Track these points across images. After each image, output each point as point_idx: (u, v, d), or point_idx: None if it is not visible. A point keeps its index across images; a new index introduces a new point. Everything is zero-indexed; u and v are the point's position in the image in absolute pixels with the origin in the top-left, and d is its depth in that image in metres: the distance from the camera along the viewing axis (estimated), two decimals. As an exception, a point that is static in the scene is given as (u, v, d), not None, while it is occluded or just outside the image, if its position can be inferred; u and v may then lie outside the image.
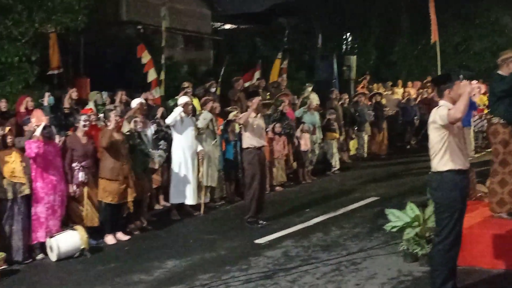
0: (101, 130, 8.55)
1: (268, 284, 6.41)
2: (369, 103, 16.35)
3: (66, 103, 9.98)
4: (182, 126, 9.66)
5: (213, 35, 22.77)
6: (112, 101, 10.85)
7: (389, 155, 16.53)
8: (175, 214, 9.75)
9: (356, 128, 15.56)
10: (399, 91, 19.34)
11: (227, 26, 25.75)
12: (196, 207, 10.00)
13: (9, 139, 7.50)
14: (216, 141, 10.34)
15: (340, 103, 15.18)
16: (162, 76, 13.28)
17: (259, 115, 9.22)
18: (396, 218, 6.95)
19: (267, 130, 10.85)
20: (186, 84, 11.74)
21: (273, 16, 26.53)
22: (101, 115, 9.11)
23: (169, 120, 9.60)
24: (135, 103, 9.33)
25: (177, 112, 9.57)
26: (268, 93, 14.23)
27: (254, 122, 9.01)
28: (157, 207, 10.24)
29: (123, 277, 6.85)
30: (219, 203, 10.70)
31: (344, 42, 25.43)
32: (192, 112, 10.00)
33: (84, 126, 8.23)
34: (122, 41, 17.43)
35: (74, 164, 8.08)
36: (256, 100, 9.14)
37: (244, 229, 8.91)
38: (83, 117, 8.29)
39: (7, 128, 7.56)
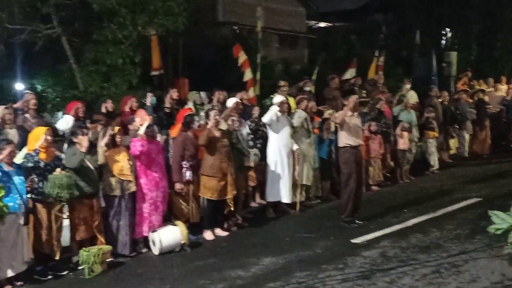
0: (201, 129, 8.79)
1: (365, 284, 6.35)
2: (471, 100, 15.71)
3: (167, 103, 10.33)
4: (278, 124, 9.73)
5: (307, 34, 22.74)
6: (210, 101, 11.12)
7: (492, 155, 15.82)
8: (270, 212, 9.85)
9: (457, 127, 14.99)
10: (503, 87, 18.38)
11: (322, 24, 25.63)
12: (292, 205, 10.06)
13: (118, 139, 7.89)
14: (311, 140, 10.33)
15: (439, 100, 14.71)
16: (258, 76, 13.44)
17: (355, 113, 9.13)
18: (500, 220, 6.67)
19: (363, 128, 10.70)
20: (282, 83, 11.83)
21: (368, 13, 26.12)
22: (202, 114, 9.37)
23: (265, 119, 9.70)
24: (231, 102, 9.52)
25: (273, 111, 9.66)
26: (365, 91, 14.04)
27: (351, 121, 8.93)
28: (253, 204, 10.39)
29: (221, 273, 7.01)
30: (315, 201, 10.69)
31: (443, 37, 24.56)
32: (287, 111, 10.05)
33: (198, 126, 8.52)
34: (219, 42, 17.83)
35: (183, 163, 8.37)
36: (353, 98, 9.06)
37: (340, 228, 8.87)
38: (197, 118, 8.59)
39: (117, 128, 7.95)
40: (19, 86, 14.94)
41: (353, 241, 8.10)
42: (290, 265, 7.22)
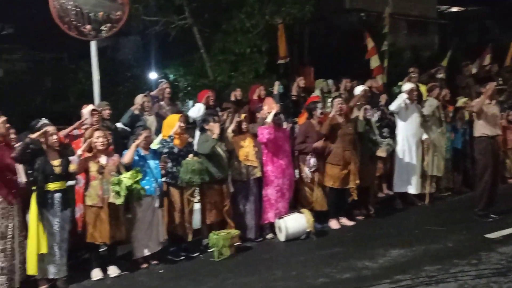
0: (325, 118, 8.73)
1: (501, 281, 5.99)
2: None
3: (294, 91, 10.37)
4: (407, 113, 9.43)
5: (438, 19, 21.81)
6: (337, 89, 11.01)
7: None
8: (398, 203, 9.60)
9: None
10: None
11: (454, 9, 24.45)
12: (420, 196, 9.74)
13: (244, 125, 8.05)
14: (443, 129, 9.90)
15: None
16: (385, 63, 13.11)
17: (493, 102, 8.61)
18: None
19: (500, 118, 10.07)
20: (412, 69, 11.43)
21: (505, -4, 24.52)
22: (329, 102, 9.30)
23: (393, 107, 9.44)
24: (358, 90, 9.35)
25: (402, 99, 9.37)
26: (501, 79, 13.21)
27: (488, 110, 8.44)
28: (380, 195, 10.16)
29: (347, 262, 6.93)
30: (445, 193, 10.27)
31: None
32: (417, 99, 9.70)
33: (321, 113, 8.49)
34: (345, 29, 17.60)
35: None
36: (491, 85, 8.54)
37: (473, 222, 8.44)
38: (319, 105, 8.56)
39: (243, 115, 8.11)
40: (153, 75, 15.76)
41: (488, 236, 7.67)
42: (419, 258, 6.98)
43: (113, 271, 6.85)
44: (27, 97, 14.80)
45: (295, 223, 7.95)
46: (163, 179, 7.27)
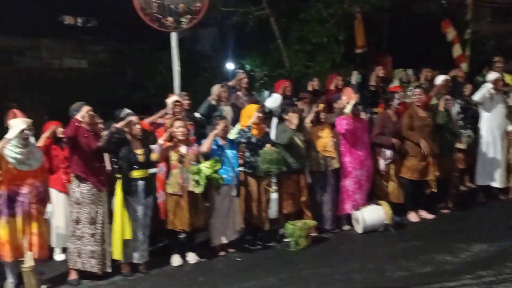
0: (406, 108, 8.55)
1: None
2: None
3: (372, 81, 10.19)
4: (492, 103, 9.10)
5: (525, 5, 20.78)
6: (417, 79, 10.73)
7: None
8: (481, 196, 9.29)
9: None
10: None
11: (542, -6, 23.20)
12: (504, 190, 9.37)
13: (322, 116, 8.00)
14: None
15: None
16: (467, 52, 12.66)
17: None
18: None
19: None
20: (497, 59, 10.95)
21: None
22: (409, 92, 9.09)
23: (477, 97, 9.12)
24: (439, 80, 9.09)
25: (486, 89, 9.03)
26: None
27: None
28: (462, 188, 9.85)
29: (427, 256, 6.79)
30: (531, 187, 9.82)
31: None
32: (503, 89, 9.30)
33: (399, 104, 8.32)
34: (425, 17, 17.09)
35: (382, 141, 8.26)
36: None
37: None
38: (397, 95, 8.39)
39: (321, 105, 8.06)
40: (229, 66, 15.91)
41: None
42: (503, 253, 6.75)
43: (192, 257, 7.02)
44: (109, 87, 15.29)
45: (373, 215, 7.86)
46: (241, 168, 7.35)
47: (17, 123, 6.12)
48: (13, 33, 16.20)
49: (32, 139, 6.47)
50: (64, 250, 7.30)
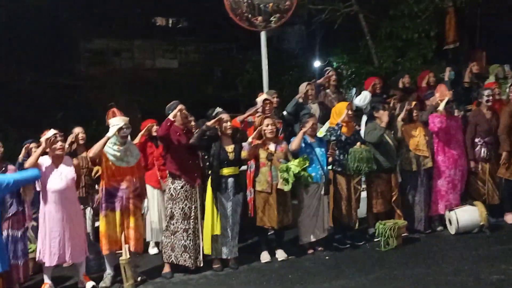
0: (502, 106, 8.19)
1: None
2: None
3: (467, 77, 9.83)
4: None
5: None
6: (515, 74, 10.27)
7: None
8: None
9: None
10: None
11: None
12: None
13: (415, 114, 7.81)
14: None
15: None
16: None
17: None
18: None
19: None
20: None
21: None
22: (507, 89, 8.70)
23: None
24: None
25: None
26: None
27: None
28: None
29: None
30: None
31: None
32: None
33: (487, 101, 7.99)
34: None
35: (476, 140, 7.95)
36: None
37: None
38: (486, 92, 8.06)
39: (414, 103, 7.88)
40: (316, 63, 15.87)
41: None
42: None
43: (280, 255, 7.07)
44: (199, 86, 15.68)
45: (467, 215, 7.59)
46: (330, 166, 7.32)
47: (116, 122, 6.40)
48: (108, 35, 16.98)
49: (129, 137, 6.73)
50: (158, 244, 7.57)
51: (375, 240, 7.42)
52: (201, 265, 6.76)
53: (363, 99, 8.94)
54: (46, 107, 13.18)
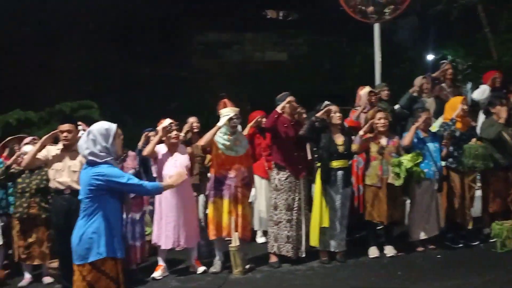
0: None
1: None
2: None
3: None
4: None
5: None
6: None
7: None
8: None
9: None
10: None
11: None
12: None
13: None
14: None
15: None
16: None
17: None
18: None
19: None
20: None
21: None
22: None
23: None
24: None
25: None
26: None
27: None
28: None
29: None
30: None
31: None
32: None
33: None
34: None
35: None
36: None
37: None
38: None
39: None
40: (430, 56, 15.36)
41: None
42: None
43: (389, 250, 6.94)
44: (308, 79, 15.69)
45: None
46: (443, 163, 7.08)
47: (227, 112, 6.56)
48: (220, 28, 17.40)
49: (239, 128, 6.87)
50: (265, 233, 7.69)
51: (491, 241, 7.08)
52: (303, 255, 6.78)
53: (481, 93, 8.55)
54: (161, 97, 13.76)
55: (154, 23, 15.12)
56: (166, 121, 6.59)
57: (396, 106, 8.39)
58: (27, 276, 6.69)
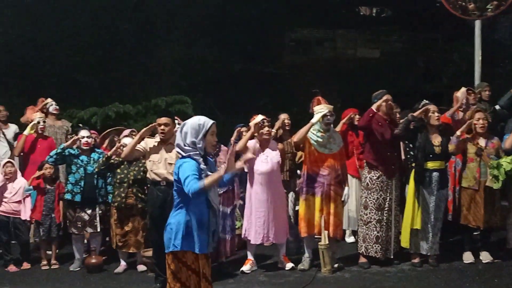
0: None
1: None
2: None
3: None
4: None
5: None
6: None
7: None
8: None
9: None
10: None
11: None
12: None
13: None
14: None
15: None
16: None
17: None
18: None
19: None
20: None
21: None
22: None
23: None
24: None
25: None
26: None
27: None
28: None
29: None
30: None
31: None
32: None
33: None
34: None
35: None
36: None
37: None
38: None
39: None
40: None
41: None
42: None
43: (485, 257, 6.67)
44: (401, 77, 15.29)
45: None
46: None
47: (320, 109, 6.53)
48: (312, 25, 17.31)
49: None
50: (354, 232, 7.60)
51: None
52: (391, 257, 6.64)
53: None
54: (252, 93, 13.87)
55: (246, 20, 15.25)
56: (259, 117, 6.64)
57: (496, 107, 8.04)
58: (123, 263, 6.97)
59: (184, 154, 4.04)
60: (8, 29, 13.67)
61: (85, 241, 7.29)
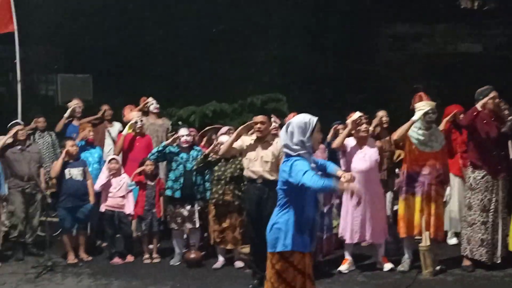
0: None
1: None
2: None
3: None
4: None
5: None
6: None
7: None
8: None
9: None
10: None
11: None
12: None
13: None
14: None
15: None
16: None
17: None
18: None
19: None
20: None
21: None
22: None
23: None
24: None
25: None
26: None
27: None
28: None
29: None
30: None
31: None
32: None
33: None
34: None
35: None
36: None
37: None
38: None
39: None
40: None
41: None
42: None
43: None
44: (506, 71, 14.55)
45: None
46: None
47: (422, 106, 6.32)
48: (409, 20, 16.86)
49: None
50: (457, 234, 7.30)
51: None
52: (499, 261, 6.31)
53: None
54: (347, 90, 13.73)
55: (342, 16, 15.12)
56: (356, 114, 6.53)
57: None
58: (221, 259, 7.07)
59: (293, 154, 4.01)
60: (111, 32, 14.28)
61: (185, 236, 7.46)
